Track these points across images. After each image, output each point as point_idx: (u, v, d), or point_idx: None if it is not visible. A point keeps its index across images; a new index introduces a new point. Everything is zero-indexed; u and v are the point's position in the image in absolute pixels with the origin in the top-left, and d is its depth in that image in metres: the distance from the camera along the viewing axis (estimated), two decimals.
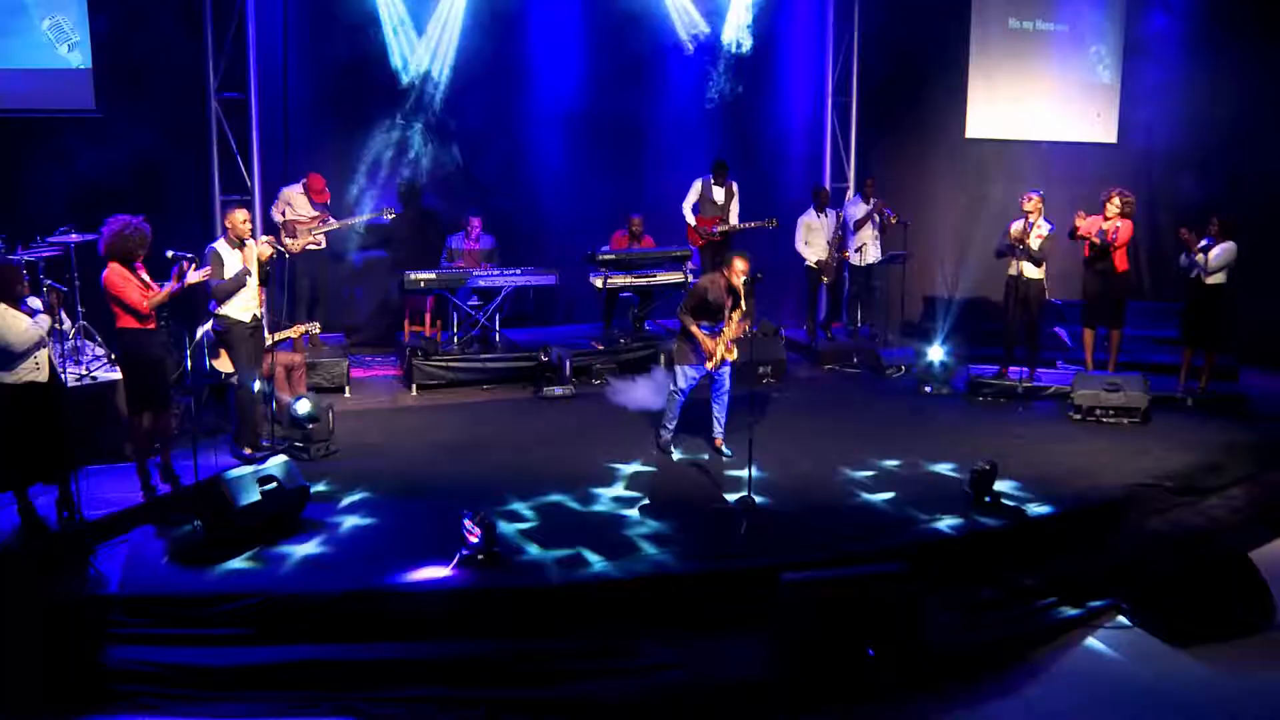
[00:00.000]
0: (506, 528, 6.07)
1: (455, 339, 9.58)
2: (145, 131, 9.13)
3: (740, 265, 6.96)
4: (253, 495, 6.00)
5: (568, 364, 9.16)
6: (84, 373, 7.38)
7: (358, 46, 9.98)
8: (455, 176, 10.55)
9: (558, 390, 9.02)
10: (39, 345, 5.73)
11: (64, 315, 7.18)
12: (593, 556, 5.77)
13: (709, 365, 7.11)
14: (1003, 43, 12.13)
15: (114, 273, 6.30)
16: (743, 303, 6.99)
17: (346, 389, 9.02)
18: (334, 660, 5.12)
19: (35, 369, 5.74)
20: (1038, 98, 12.33)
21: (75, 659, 5.04)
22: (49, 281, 6.91)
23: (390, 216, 9.67)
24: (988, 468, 6.59)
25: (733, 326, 7.09)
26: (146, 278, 6.40)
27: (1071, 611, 5.92)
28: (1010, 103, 12.21)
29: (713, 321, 7.15)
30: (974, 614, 5.79)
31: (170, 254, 6.47)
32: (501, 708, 4.92)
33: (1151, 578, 6.13)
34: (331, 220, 9.42)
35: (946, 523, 6.34)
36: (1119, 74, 12.54)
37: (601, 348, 9.68)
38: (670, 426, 7.44)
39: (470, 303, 9.61)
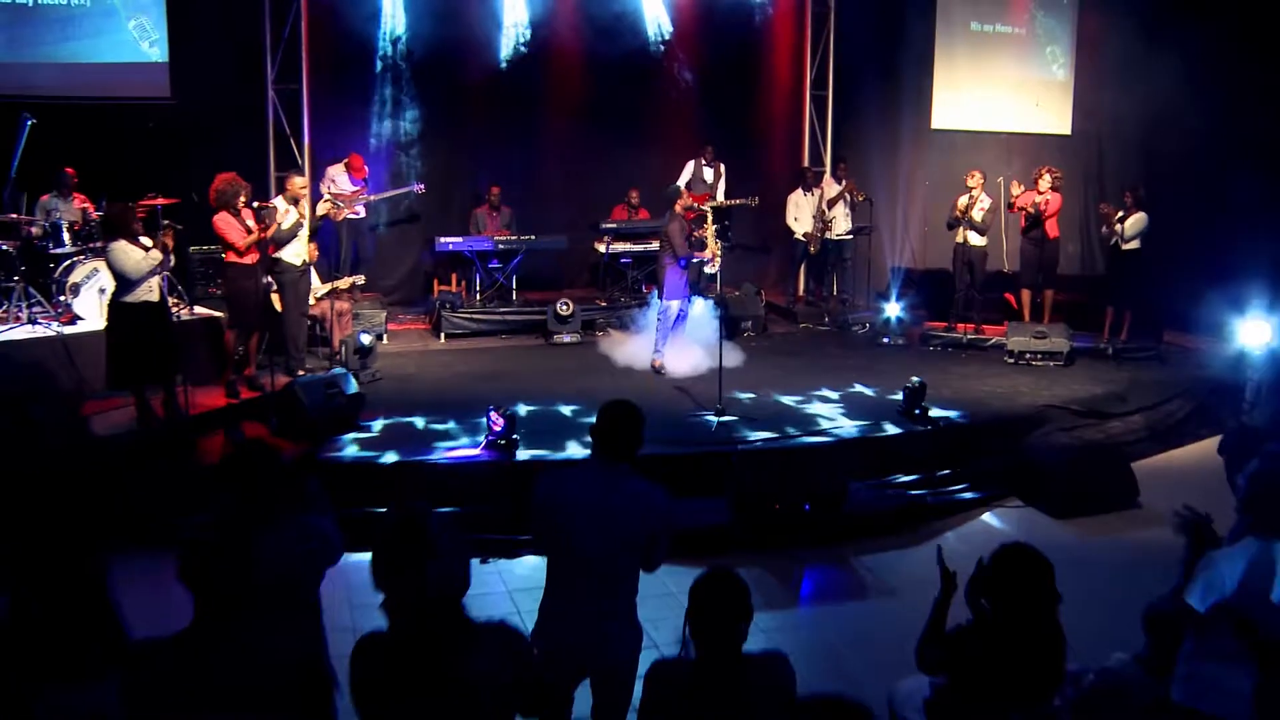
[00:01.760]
0: (522, 424, 7.54)
1: (478, 295, 11.07)
2: (213, 116, 10.56)
3: (679, 202, 9.26)
4: (319, 398, 7.49)
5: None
6: None
7: (397, 43, 11.49)
8: (478, 156, 12.01)
9: (566, 337, 10.51)
10: (151, 273, 7.23)
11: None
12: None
13: (709, 256, 9.47)
14: (965, 43, 13.53)
15: (220, 218, 7.85)
16: (710, 224, 9.38)
17: (384, 336, 10.49)
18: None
19: (149, 291, 7.24)
20: (997, 93, 13.74)
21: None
22: (166, 220, 8.39)
23: (421, 191, 11.19)
24: (918, 384, 8.02)
25: (710, 236, 9.43)
26: (251, 223, 7.94)
27: (975, 494, 7.37)
28: (972, 97, 13.61)
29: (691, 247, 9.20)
30: (894, 491, 7.24)
31: (255, 205, 7.99)
32: (515, 545, 6.37)
33: (1046, 472, 7.54)
34: (370, 194, 10.94)
35: (880, 426, 7.81)
36: (1071, 72, 13.93)
37: (604, 304, 11.16)
38: (660, 350, 9.00)
39: (490, 265, 11.09)
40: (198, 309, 9.43)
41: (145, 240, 7.36)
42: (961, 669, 3.56)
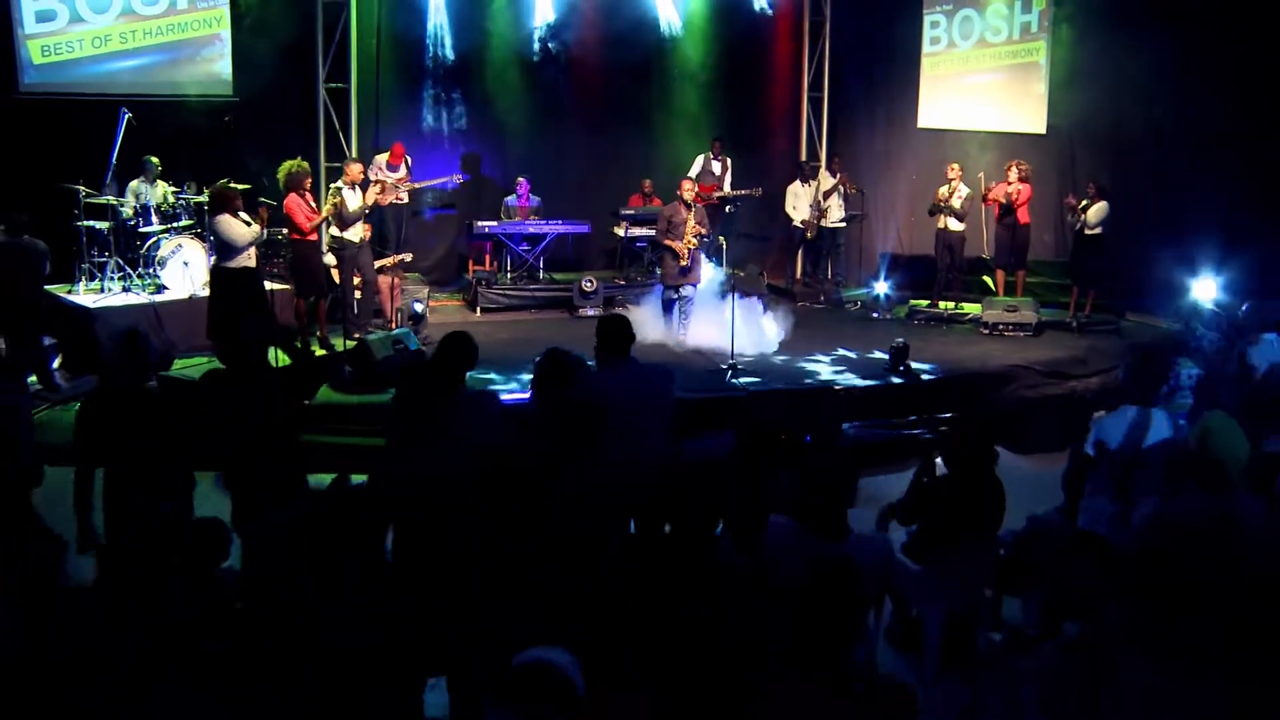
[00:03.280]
0: None
1: (509, 274, 12.32)
2: (271, 112, 11.82)
3: (685, 184, 10.14)
4: (387, 352, 8.72)
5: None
6: None
7: (440, 45, 12.74)
8: (508, 149, 13.28)
9: (589, 311, 11.75)
10: (251, 243, 8.45)
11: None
12: None
13: (681, 251, 9.98)
14: (949, 51, 14.81)
15: (290, 200, 9.05)
16: (692, 214, 9.97)
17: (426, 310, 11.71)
18: None
19: (247, 259, 8.48)
20: (978, 95, 14.99)
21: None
22: (262, 199, 9.60)
23: (458, 180, 12.43)
24: (901, 344, 9.27)
25: (689, 228, 9.98)
26: (314, 204, 9.16)
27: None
28: (955, 99, 14.86)
29: (679, 236, 10.08)
30: (880, 430, 8.52)
31: (332, 186, 9.22)
32: None
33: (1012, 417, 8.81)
34: (411, 182, 12.16)
35: (870, 379, 9.09)
36: (1047, 76, 15.18)
37: (623, 282, 12.44)
38: (669, 323, 10.28)
39: (521, 247, 12.34)
40: (265, 284, 10.64)
41: (244, 215, 8.59)
42: (927, 514, 4.84)
